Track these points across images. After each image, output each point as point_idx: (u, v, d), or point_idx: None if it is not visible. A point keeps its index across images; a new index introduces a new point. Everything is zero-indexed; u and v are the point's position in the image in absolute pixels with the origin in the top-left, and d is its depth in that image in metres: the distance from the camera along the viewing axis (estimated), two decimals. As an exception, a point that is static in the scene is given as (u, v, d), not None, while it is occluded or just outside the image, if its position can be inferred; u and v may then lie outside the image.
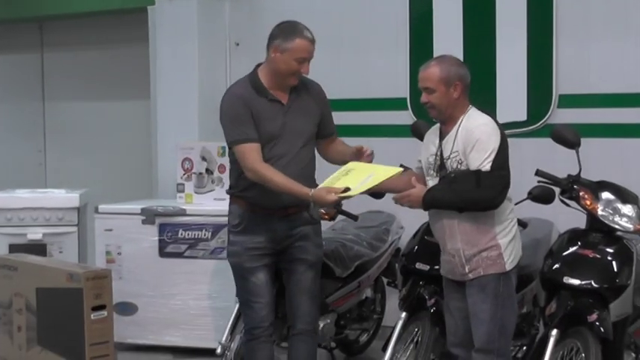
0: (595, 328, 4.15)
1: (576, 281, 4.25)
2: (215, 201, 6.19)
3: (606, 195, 4.47)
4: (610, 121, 5.86)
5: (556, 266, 4.37)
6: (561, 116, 5.92)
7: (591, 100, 5.91)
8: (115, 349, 5.19)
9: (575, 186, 4.47)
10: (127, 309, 6.17)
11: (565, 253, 4.41)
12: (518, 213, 4.44)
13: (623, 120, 5.84)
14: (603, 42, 5.85)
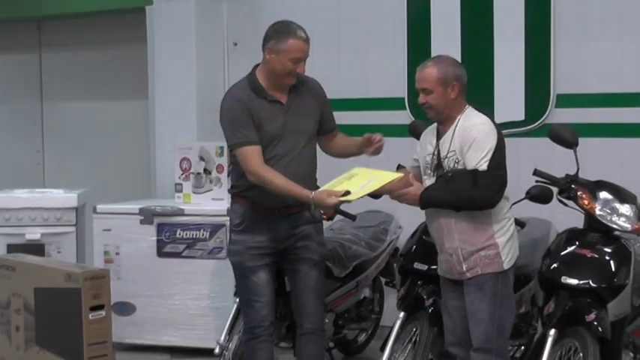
0: (593, 328, 4.15)
1: (574, 281, 4.26)
2: (213, 201, 6.20)
3: (604, 195, 4.47)
4: (608, 121, 5.85)
5: (554, 266, 4.37)
6: (559, 116, 5.92)
7: (589, 100, 5.90)
8: (114, 349, 5.19)
9: (573, 186, 4.47)
10: (125, 309, 6.17)
11: (563, 253, 4.41)
12: (516, 213, 4.44)
13: (620, 120, 5.84)
14: (601, 41, 5.85)
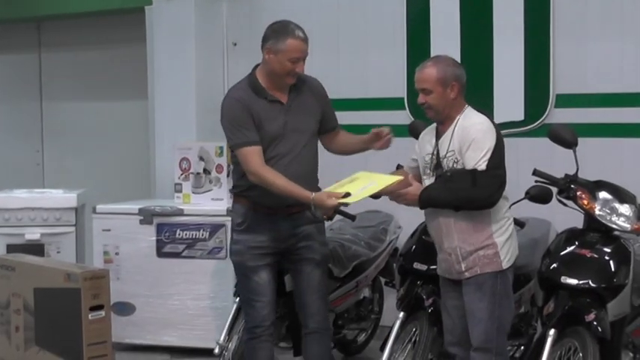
0: (593, 328, 4.15)
1: (574, 281, 4.25)
2: (213, 201, 6.19)
3: (604, 195, 4.47)
4: (607, 121, 5.85)
5: (554, 266, 4.36)
6: (558, 116, 5.92)
7: (588, 100, 5.90)
8: (113, 349, 5.18)
9: (572, 186, 4.46)
10: (125, 309, 6.16)
11: (563, 253, 4.40)
12: (515, 213, 4.44)
13: (620, 120, 5.84)
14: (600, 41, 5.85)
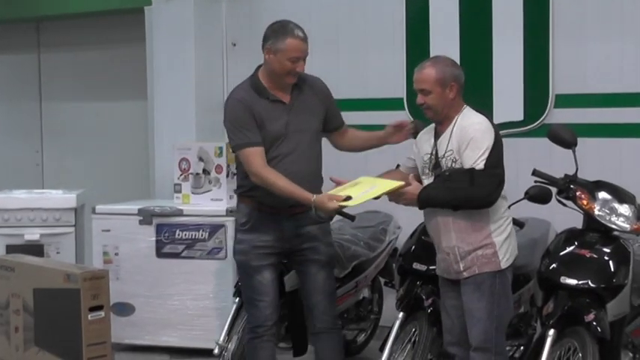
0: (592, 328, 4.14)
1: (573, 281, 4.25)
2: (212, 201, 6.19)
3: (603, 195, 4.47)
4: (607, 121, 5.85)
5: (553, 266, 4.36)
6: (558, 116, 5.92)
7: (588, 100, 5.90)
8: (113, 350, 5.18)
9: (571, 186, 4.46)
10: (125, 309, 6.17)
11: (562, 253, 4.40)
12: (515, 213, 4.44)
13: (619, 120, 5.84)
14: (600, 42, 5.85)
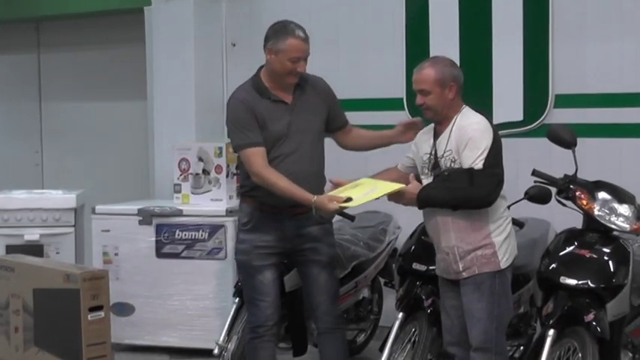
0: (592, 328, 4.14)
1: (573, 281, 4.25)
2: (212, 201, 6.19)
3: (603, 195, 4.46)
4: (606, 121, 5.85)
5: (553, 266, 4.36)
6: (557, 116, 5.92)
7: (588, 100, 5.90)
8: (112, 350, 5.19)
9: (571, 186, 4.46)
10: (124, 310, 6.16)
11: (562, 253, 4.40)
12: (515, 213, 4.44)
13: (619, 120, 5.83)
14: (599, 42, 5.84)
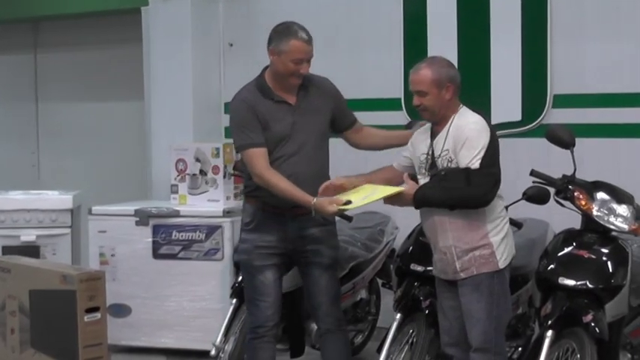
0: (590, 329, 4.14)
1: (571, 282, 4.24)
2: (209, 202, 6.19)
3: (601, 195, 4.46)
4: (605, 121, 5.85)
5: (551, 267, 4.35)
6: (556, 116, 5.92)
7: (586, 100, 5.90)
8: (109, 351, 5.16)
9: (570, 186, 4.45)
10: (121, 311, 6.16)
11: (560, 254, 4.39)
12: (513, 213, 4.44)
13: (618, 120, 5.84)
14: (598, 42, 5.85)
